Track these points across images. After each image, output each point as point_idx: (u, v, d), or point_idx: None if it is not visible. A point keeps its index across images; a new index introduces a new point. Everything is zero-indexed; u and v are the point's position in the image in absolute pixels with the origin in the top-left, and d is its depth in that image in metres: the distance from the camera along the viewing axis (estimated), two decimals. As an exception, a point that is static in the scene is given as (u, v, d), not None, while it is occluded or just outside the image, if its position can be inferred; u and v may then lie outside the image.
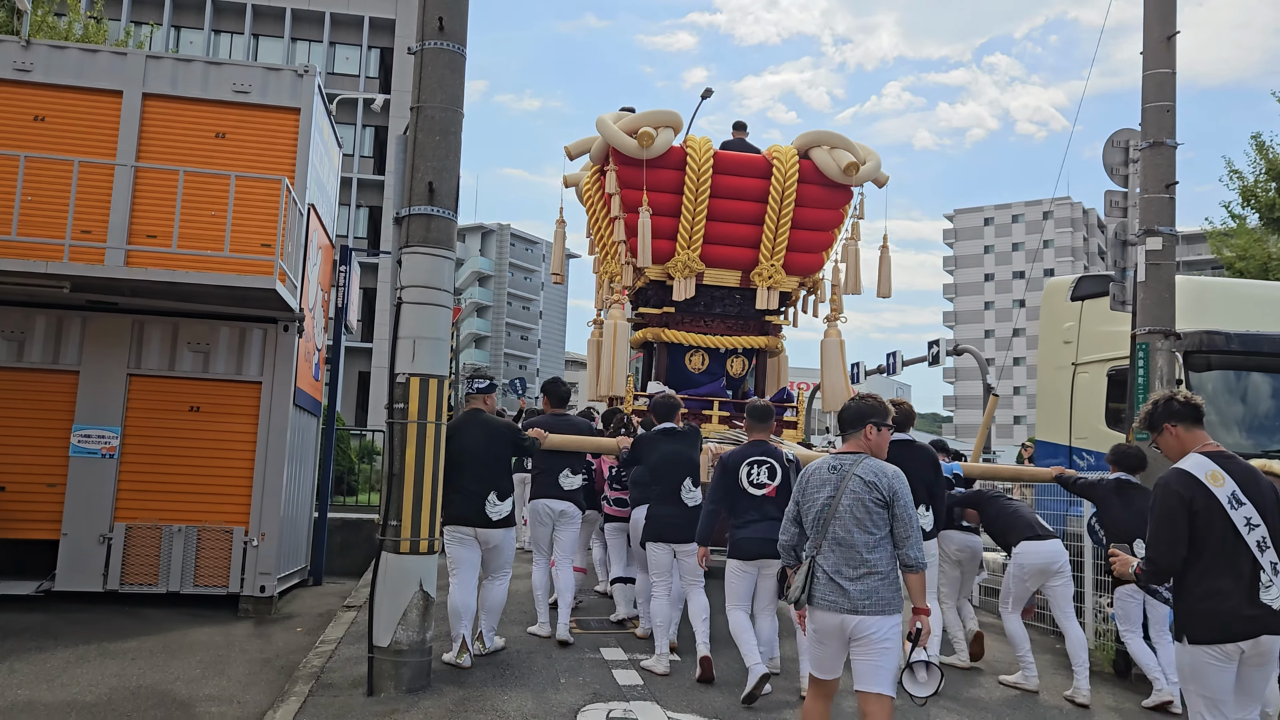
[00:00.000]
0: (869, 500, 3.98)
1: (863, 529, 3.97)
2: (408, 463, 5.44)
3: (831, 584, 3.98)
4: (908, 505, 3.99)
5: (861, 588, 3.92)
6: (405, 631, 5.34)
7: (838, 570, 3.97)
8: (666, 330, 10.50)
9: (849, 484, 4.03)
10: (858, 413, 4.22)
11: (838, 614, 3.94)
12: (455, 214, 5.67)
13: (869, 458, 4.11)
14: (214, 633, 8.18)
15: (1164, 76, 6.71)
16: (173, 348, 9.37)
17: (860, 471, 4.05)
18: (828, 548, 4.03)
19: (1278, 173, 18.45)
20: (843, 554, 3.98)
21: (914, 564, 3.97)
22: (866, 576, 3.92)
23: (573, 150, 10.83)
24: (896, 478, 4.04)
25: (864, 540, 3.95)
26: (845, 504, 4.00)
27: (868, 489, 3.99)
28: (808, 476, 4.24)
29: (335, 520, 12.40)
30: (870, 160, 10.39)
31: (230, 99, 9.72)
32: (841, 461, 4.15)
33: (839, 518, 4.01)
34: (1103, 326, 9.03)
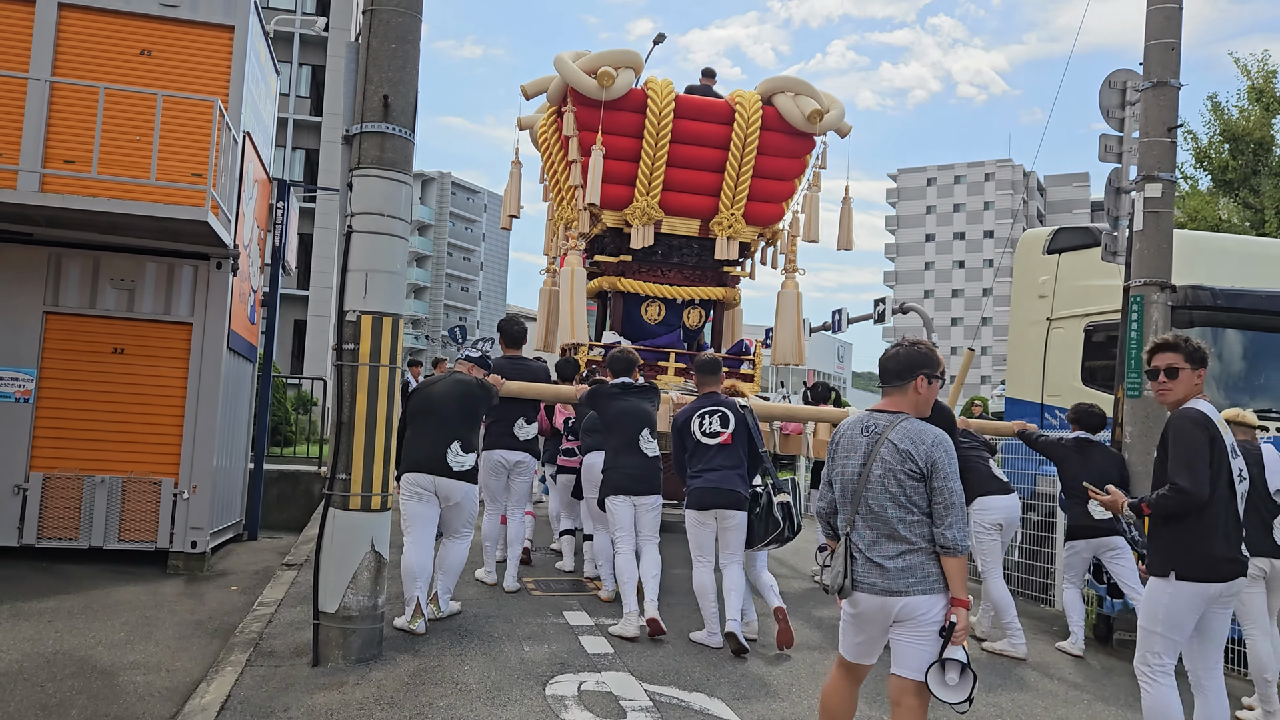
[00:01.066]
0: (901, 472, 3.38)
1: (896, 504, 3.38)
2: (358, 410, 4.89)
3: (869, 564, 3.42)
4: (948, 478, 3.36)
5: (902, 564, 3.36)
6: (355, 596, 4.84)
7: (874, 546, 3.42)
8: (623, 279, 10.08)
9: (880, 450, 3.43)
10: (906, 361, 3.53)
11: (878, 596, 3.37)
12: (413, 133, 5.08)
13: (908, 419, 3.48)
14: (140, 591, 7.59)
15: (1170, 10, 6.34)
16: (94, 284, 8.62)
17: (894, 436, 3.43)
18: (861, 522, 3.47)
19: (1232, 134, 18.45)
20: (878, 529, 3.42)
21: (952, 546, 3.33)
22: (907, 553, 3.37)
23: (529, 90, 10.24)
24: (937, 445, 3.39)
25: (899, 516, 3.38)
26: (876, 474, 3.42)
27: (900, 458, 3.39)
28: (839, 437, 3.64)
29: (272, 472, 11.78)
30: (834, 108, 10.01)
31: (157, 13, 8.88)
32: (875, 422, 3.53)
33: (870, 489, 3.43)
34: (1080, 281, 8.75)
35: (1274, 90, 18.23)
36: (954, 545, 3.33)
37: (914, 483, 3.38)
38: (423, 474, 5.73)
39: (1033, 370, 9.08)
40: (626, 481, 6.16)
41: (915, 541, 3.37)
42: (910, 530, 3.38)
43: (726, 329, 10.91)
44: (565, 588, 6.99)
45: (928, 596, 3.34)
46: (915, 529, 3.38)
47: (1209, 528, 3.99)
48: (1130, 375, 6.45)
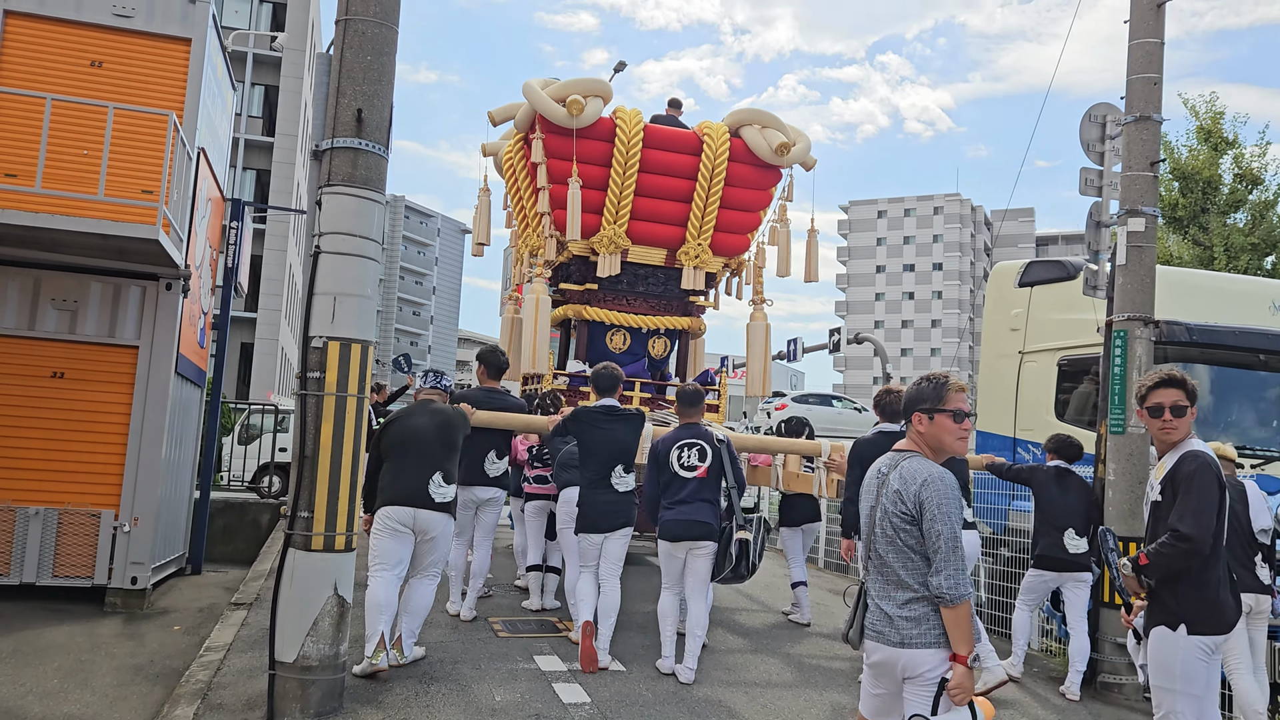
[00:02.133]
0: (895, 514, 3.17)
1: (895, 549, 3.18)
2: (323, 443, 4.57)
3: (879, 612, 3.21)
4: (937, 519, 3.08)
5: (909, 614, 3.12)
6: (315, 644, 4.49)
7: (883, 595, 3.21)
8: (588, 308, 9.87)
9: (882, 492, 3.25)
10: (904, 399, 3.40)
11: (888, 647, 3.14)
12: (387, 150, 4.80)
13: (912, 458, 3.25)
14: (75, 632, 7.12)
15: (1152, 46, 6.30)
16: (34, 304, 8.17)
17: (892, 477, 3.24)
18: (872, 568, 3.28)
19: (1181, 173, 18.79)
20: (886, 575, 3.21)
21: (943, 594, 3.04)
22: (913, 602, 3.13)
23: (496, 116, 10.04)
24: (927, 485, 3.12)
25: (899, 561, 3.17)
26: (879, 517, 3.24)
27: (895, 500, 3.18)
28: (866, 479, 3.45)
29: (218, 501, 11.31)
30: (801, 142, 9.97)
31: (109, 23, 8.54)
32: (888, 462, 3.34)
33: (876, 534, 3.25)
34: (1053, 314, 8.70)
35: (1221, 130, 18.63)
36: (944, 592, 3.03)
37: (907, 525, 3.15)
38: (403, 507, 5.45)
39: (1005, 404, 8.99)
40: (598, 519, 6.07)
41: (919, 589, 3.13)
42: (912, 576, 3.14)
43: (691, 358, 10.74)
44: (533, 628, 6.68)
45: (933, 650, 3.08)
46: (917, 575, 3.13)
47: (1218, 576, 3.85)
48: (1114, 411, 6.35)
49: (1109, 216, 6.74)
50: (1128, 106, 6.42)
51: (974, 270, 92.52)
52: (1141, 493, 6.31)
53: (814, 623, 7.84)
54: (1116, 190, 6.67)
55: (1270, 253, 18.36)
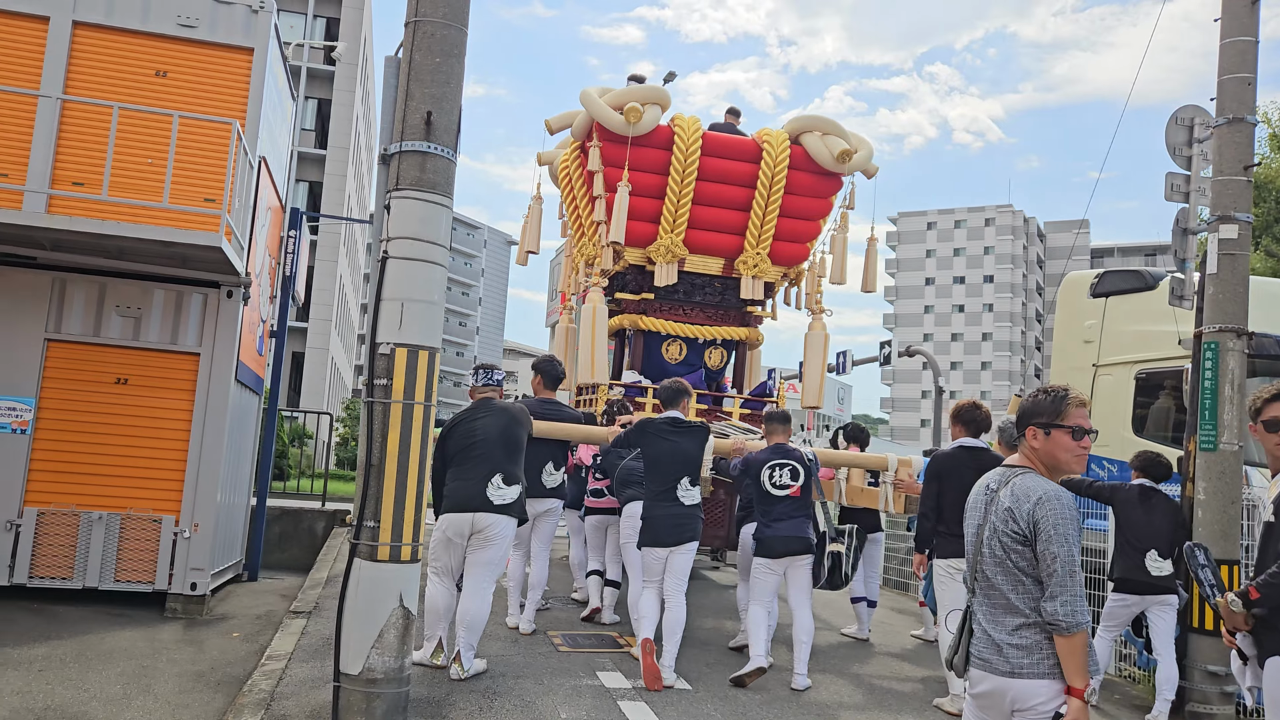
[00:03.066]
0: (1005, 534, 2.96)
1: (1004, 571, 2.97)
2: (389, 451, 4.48)
3: (986, 638, 2.99)
4: (1053, 541, 2.86)
5: (1019, 641, 2.90)
6: (380, 657, 4.39)
7: (991, 620, 3.00)
8: (644, 317, 9.77)
9: (992, 510, 3.04)
10: (1020, 412, 3.14)
11: (995, 676, 2.93)
12: (455, 154, 4.72)
13: (1025, 474, 3.03)
14: (137, 637, 7.12)
15: (1245, 45, 6.04)
16: (99, 311, 8.24)
17: (1003, 494, 3.02)
18: (979, 590, 3.07)
19: (1254, 183, 18.29)
20: (994, 599, 3.01)
21: (1059, 622, 2.82)
22: (1024, 628, 2.91)
23: (554, 124, 10.00)
24: (1042, 503, 2.90)
25: (1009, 584, 2.96)
26: (987, 537, 3.03)
27: (1005, 519, 2.97)
28: (970, 495, 3.27)
29: (273, 509, 11.33)
30: (863, 149, 9.79)
31: (174, 33, 8.57)
32: (997, 478, 3.13)
33: (984, 555, 3.04)
34: (1129, 326, 8.40)
35: (1295, 138, 18.09)
36: (1060, 620, 2.81)
37: (1019, 546, 2.93)
38: (459, 514, 5.39)
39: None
40: (664, 533, 5.98)
41: (1030, 615, 2.91)
42: (1024, 601, 2.93)
43: (748, 369, 10.58)
44: (594, 643, 6.55)
45: (1046, 682, 2.85)
46: (1029, 600, 2.92)
47: None
48: (1204, 427, 6.07)
49: (1196, 223, 6.47)
50: (1219, 108, 6.17)
51: (1026, 283, 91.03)
52: (1234, 513, 6.03)
53: (878, 642, 7.61)
54: (1205, 195, 6.40)
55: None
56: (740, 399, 9.71)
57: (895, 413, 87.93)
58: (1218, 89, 6.16)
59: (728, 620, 7.78)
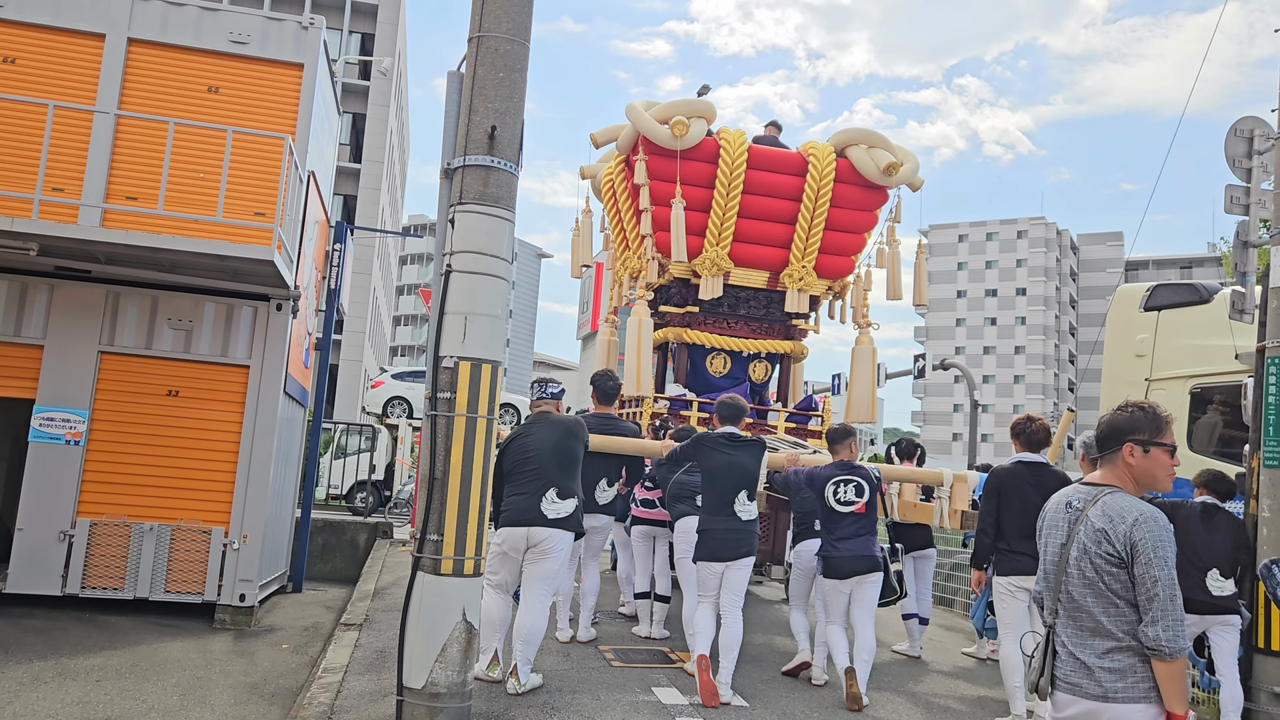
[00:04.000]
0: (1099, 555, 2.85)
1: (1096, 593, 2.86)
2: (453, 465, 4.48)
3: (1073, 660, 2.89)
4: (1153, 564, 2.76)
5: (1111, 665, 2.81)
6: (443, 671, 4.38)
7: (1078, 643, 2.89)
8: (689, 331, 9.74)
9: (1080, 530, 2.93)
10: (1111, 427, 3.02)
11: (1084, 700, 2.83)
12: (518, 168, 4.74)
13: (1115, 493, 2.93)
14: (189, 648, 7.17)
15: (1309, 57, 5.94)
16: (151, 323, 8.35)
17: (1093, 513, 2.90)
18: (1063, 612, 2.96)
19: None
20: (1081, 621, 2.90)
21: (1160, 647, 2.72)
22: (1116, 651, 2.82)
23: (599, 138, 10.02)
24: (1140, 524, 2.80)
25: (1101, 608, 2.86)
26: (1075, 557, 2.92)
27: (1097, 539, 2.86)
28: (1046, 512, 3.16)
29: (316, 521, 11.41)
30: (909, 162, 9.73)
31: (226, 49, 8.71)
32: (1079, 496, 3.01)
33: (1070, 575, 2.93)
34: (1183, 340, 8.27)
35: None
36: (1162, 645, 2.72)
37: (1112, 569, 2.82)
38: (515, 529, 5.40)
39: (1129, 434, 8.55)
40: (720, 547, 5.89)
41: (1123, 638, 2.82)
42: (1116, 624, 2.82)
43: (791, 383, 10.52)
44: (646, 658, 6.50)
45: (1142, 706, 2.77)
46: (1122, 623, 2.82)
47: None
48: (1269, 443, 5.95)
49: (1257, 235, 6.36)
50: (1280, 119, 6.07)
51: (1059, 295, 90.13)
52: (1301, 530, 5.90)
53: (930, 659, 7.52)
54: (1265, 207, 6.30)
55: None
56: (785, 413, 9.65)
57: (927, 426, 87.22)
58: (1281, 100, 6.08)
59: (777, 636, 7.71)
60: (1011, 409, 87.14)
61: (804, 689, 6.13)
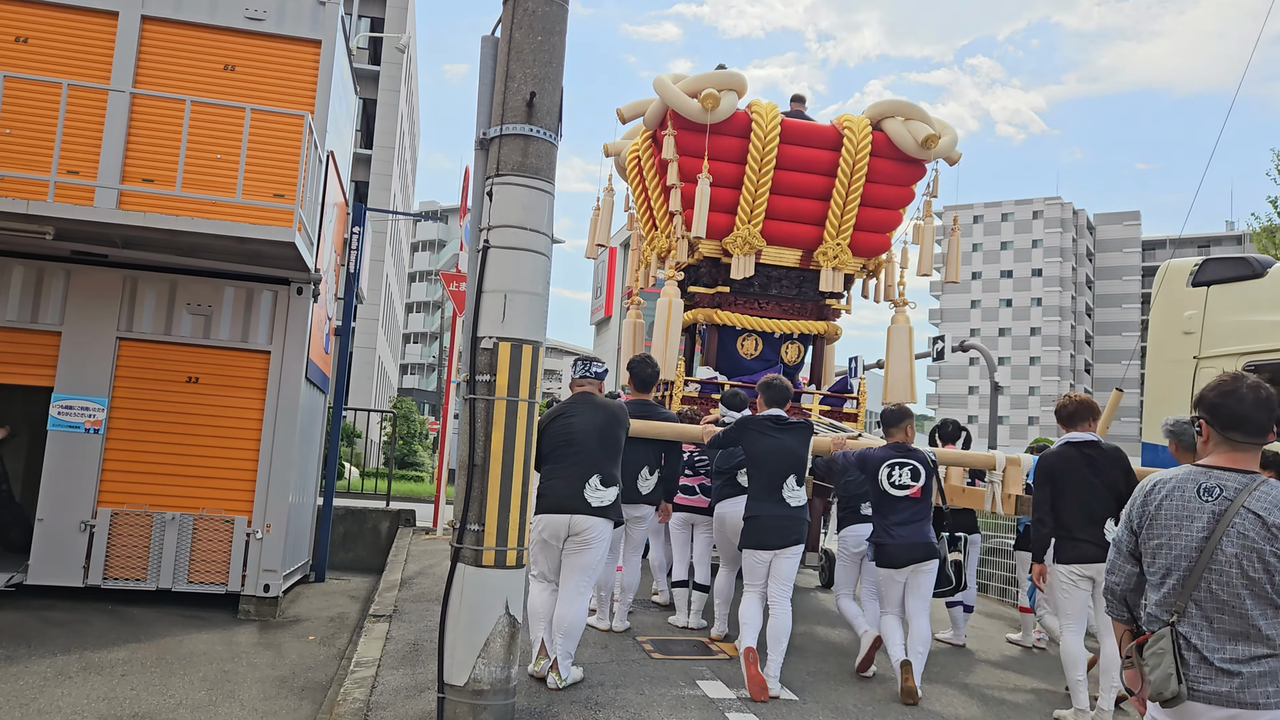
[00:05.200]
0: (1272, 553, 2.58)
1: (1258, 594, 2.59)
2: (493, 451, 4.26)
3: (1207, 666, 2.63)
4: None
5: (1259, 670, 2.57)
6: (487, 666, 4.17)
7: (1216, 647, 2.63)
8: (719, 312, 9.44)
9: (1236, 521, 2.63)
10: (1269, 406, 2.73)
11: (1224, 709, 2.59)
12: (558, 137, 4.49)
13: (1269, 482, 2.67)
14: (214, 640, 7.00)
15: (1384, 15, 5.64)
16: (170, 309, 8.14)
17: (1256, 505, 2.63)
18: (1197, 612, 2.68)
19: None
20: (1225, 624, 2.63)
21: None
22: (1264, 658, 2.58)
23: (626, 113, 9.72)
24: None
25: (1260, 610, 2.59)
26: (1231, 552, 2.62)
27: (1270, 535, 2.58)
28: (1158, 498, 2.81)
29: (338, 509, 11.22)
30: (947, 135, 9.38)
31: (242, 26, 8.46)
32: (1221, 483, 2.71)
33: (1219, 570, 2.64)
34: (1235, 316, 7.98)
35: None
36: None
37: None
38: (556, 515, 5.17)
39: (1179, 414, 8.27)
40: (768, 536, 5.67)
41: (1278, 642, 2.58)
42: (1274, 628, 2.59)
43: (824, 364, 10.24)
44: (686, 649, 6.29)
45: None
46: (1277, 627, 2.60)
47: None
48: (1340, 422, 5.68)
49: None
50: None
51: (1076, 276, 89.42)
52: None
53: (976, 649, 7.29)
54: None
55: None
56: (819, 395, 9.39)
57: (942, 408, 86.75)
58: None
59: (818, 625, 7.51)
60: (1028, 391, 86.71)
61: (854, 682, 5.92)
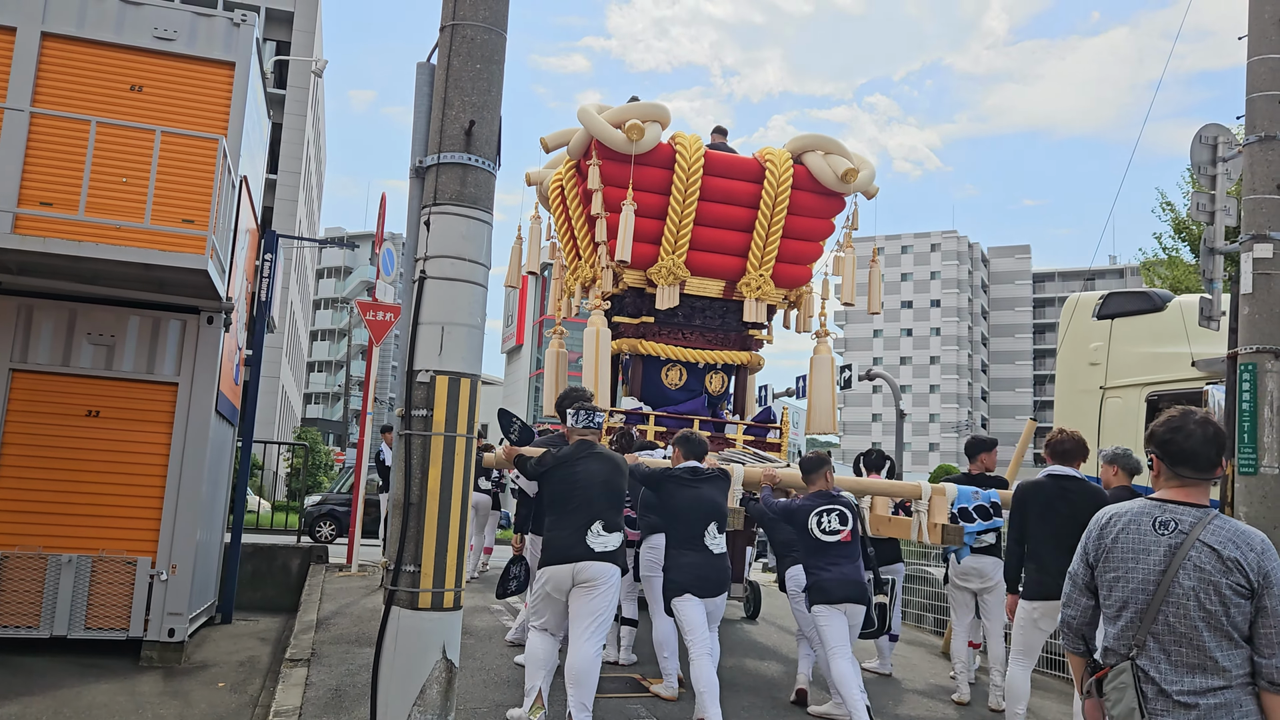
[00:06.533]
0: (1227, 586, 2.60)
1: (1214, 627, 2.61)
2: (430, 488, 4.11)
3: (1164, 698, 2.64)
4: None
5: (1214, 702, 2.59)
6: (423, 715, 3.99)
7: (1174, 679, 2.64)
8: (644, 342, 9.44)
9: (1192, 555, 2.66)
10: (1218, 443, 2.79)
11: None
12: (497, 166, 4.40)
13: (1221, 517, 2.73)
14: (115, 691, 6.61)
15: (1275, 63, 5.98)
16: (68, 339, 7.73)
17: (1210, 539, 2.66)
18: (1154, 644, 2.69)
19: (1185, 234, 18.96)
20: (1183, 656, 2.65)
21: None
22: (1220, 690, 2.60)
23: (550, 142, 9.68)
24: (1269, 553, 2.63)
25: (1216, 642, 2.62)
26: (1188, 585, 2.65)
27: (1225, 569, 2.61)
28: (1114, 529, 2.84)
29: (246, 546, 10.75)
30: (865, 169, 9.63)
31: (150, 46, 8.12)
32: (1176, 517, 2.74)
33: (1175, 604, 2.66)
34: (1138, 347, 8.33)
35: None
36: None
37: (1240, 600, 2.60)
38: (559, 566, 5.02)
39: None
40: (693, 582, 5.62)
41: (1234, 674, 2.60)
42: (1230, 659, 2.61)
43: (747, 395, 10.32)
44: (619, 686, 6.18)
45: None
46: (1235, 658, 2.62)
47: None
48: (1244, 450, 5.94)
49: (1222, 242, 6.38)
50: (1249, 126, 6.09)
51: (972, 307, 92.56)
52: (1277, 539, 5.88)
53: (902, 678, 7.35)
54: (1230, 216, 6.31)
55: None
56: (744, 425, 9.43)
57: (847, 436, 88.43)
58: (1247, 106, 6.10)
59: (746, 658, 7.47)
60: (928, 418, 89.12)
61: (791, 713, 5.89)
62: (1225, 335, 6.50)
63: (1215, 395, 6.79)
